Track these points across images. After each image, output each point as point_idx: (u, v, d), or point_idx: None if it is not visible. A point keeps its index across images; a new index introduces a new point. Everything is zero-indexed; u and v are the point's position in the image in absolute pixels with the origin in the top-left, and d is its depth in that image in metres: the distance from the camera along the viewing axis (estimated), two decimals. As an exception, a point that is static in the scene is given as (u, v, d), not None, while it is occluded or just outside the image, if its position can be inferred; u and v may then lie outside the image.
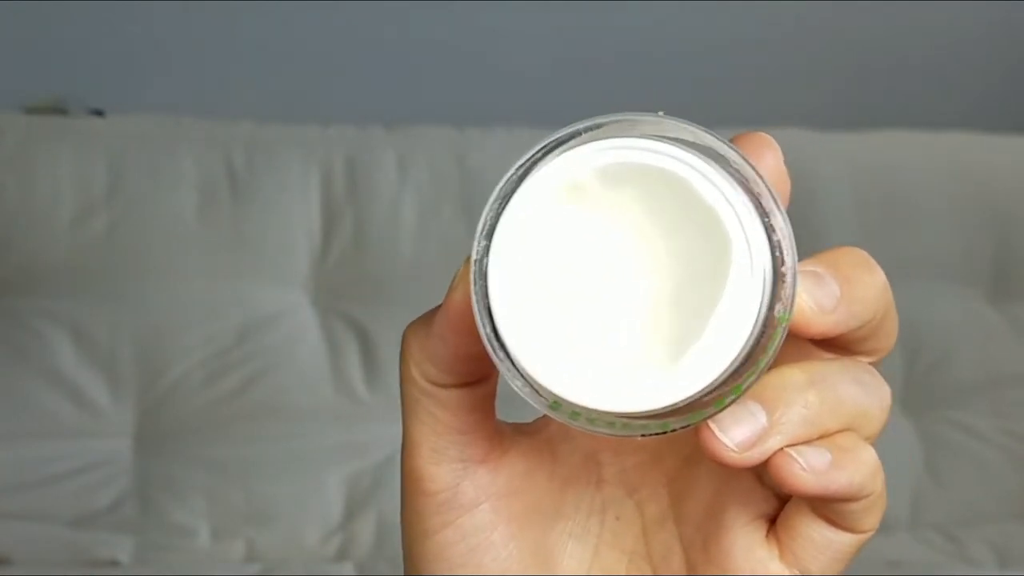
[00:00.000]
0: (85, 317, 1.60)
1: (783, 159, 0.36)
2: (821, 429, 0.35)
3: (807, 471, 0.35)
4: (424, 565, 0.39)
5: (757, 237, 0.33)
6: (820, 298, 0.35)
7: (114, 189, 1.65)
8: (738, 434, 0.34)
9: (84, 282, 1.61)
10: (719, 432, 0.34)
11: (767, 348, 0.33)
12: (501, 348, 0.34)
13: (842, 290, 0.35)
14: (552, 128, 0.34)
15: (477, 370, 0.37)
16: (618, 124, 0.34)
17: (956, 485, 1.63)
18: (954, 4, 2.12)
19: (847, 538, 0.37)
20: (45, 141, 1.68)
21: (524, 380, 0.34)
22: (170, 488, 1.53)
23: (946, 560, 1.51)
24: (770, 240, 0.33)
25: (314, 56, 2.03)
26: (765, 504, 0.38)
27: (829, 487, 0.35)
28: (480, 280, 0.34)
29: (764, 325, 0.33)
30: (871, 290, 0.36)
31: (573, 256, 0.34)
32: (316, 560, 1.48)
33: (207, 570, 1.42)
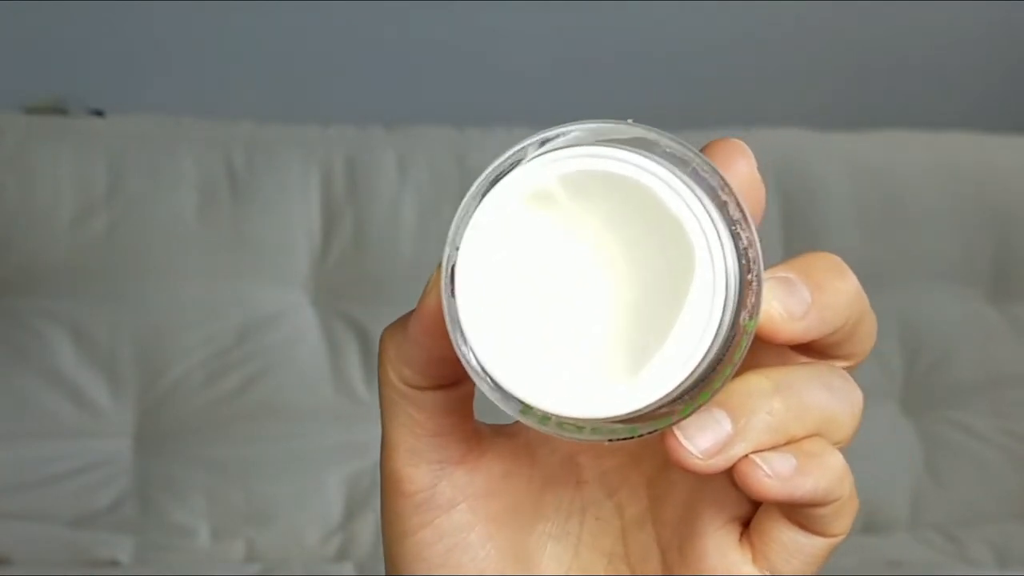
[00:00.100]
0: (85, 317, 1.60)
1: (756, 166, 0.36)
2: (787, 435, 0.35)
3: (771, 477, 0.35)
4: (403, 566, 0.39)
5: (722, 245, 0.33)
6: (790, 304, 0.35)
7: (114, 189, 1.65)
8: (703, 441, 0.35)
9: (84, 282, 1.62)
10: (684, 439, 0.34)
11: (733, 355, 0.33)
12: (471, 353, 0.34)
13: (813, 296, 0.35)
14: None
15: (452, 373, 0.37)
16: (586, 131, 0.34)
17: (956, 485, 1.63)
18: (954, 4, 2.12)
19: (818, 542, 0.37)
20: (45, 141, 1.68)
21: (493, 385, 0.34)
22: (170, 488, 1.53)
23: (946, 560, 1.51)
24: (737, 248, 0.33)
25: (314, 56, 2.03)
26: (739, 508, 0.39)
27: (794, 493, 0.35)
28: (449, 286, 0.34)
29: (729, 333, 0.33)
30: (843, 296, 0.36)
31: (539, 263, 0.34)
32: (316, 560, 1.48)
33: (207, 570, 1.42)
